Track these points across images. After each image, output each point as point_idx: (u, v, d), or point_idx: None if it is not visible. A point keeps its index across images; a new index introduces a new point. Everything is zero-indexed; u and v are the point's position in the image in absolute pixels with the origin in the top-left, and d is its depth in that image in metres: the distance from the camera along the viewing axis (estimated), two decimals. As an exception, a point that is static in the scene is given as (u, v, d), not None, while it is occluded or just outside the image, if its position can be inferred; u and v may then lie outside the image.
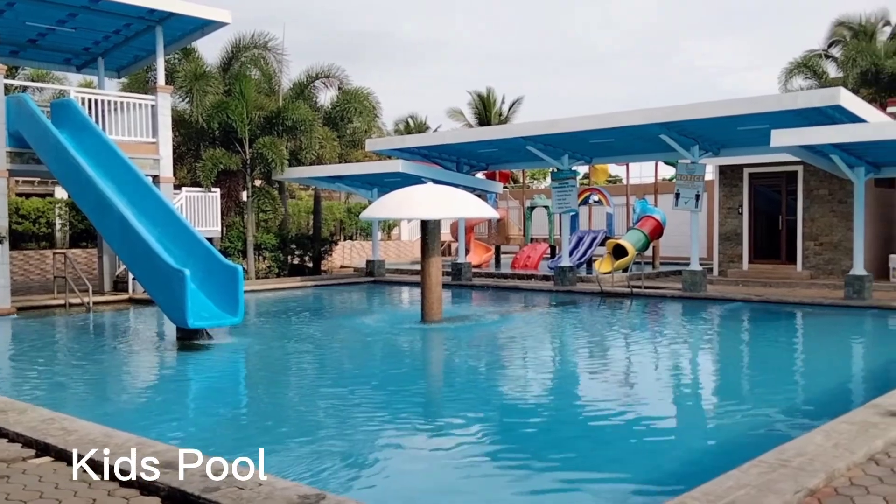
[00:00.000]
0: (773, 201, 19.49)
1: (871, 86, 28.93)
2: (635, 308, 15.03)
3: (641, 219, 21.13)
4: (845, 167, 13.97)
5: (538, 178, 46.91)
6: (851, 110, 12.71)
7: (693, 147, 15.51)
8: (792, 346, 11.47)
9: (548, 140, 17.03)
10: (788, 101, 13.82)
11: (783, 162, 17.78)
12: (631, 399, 7.95)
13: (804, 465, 4.43)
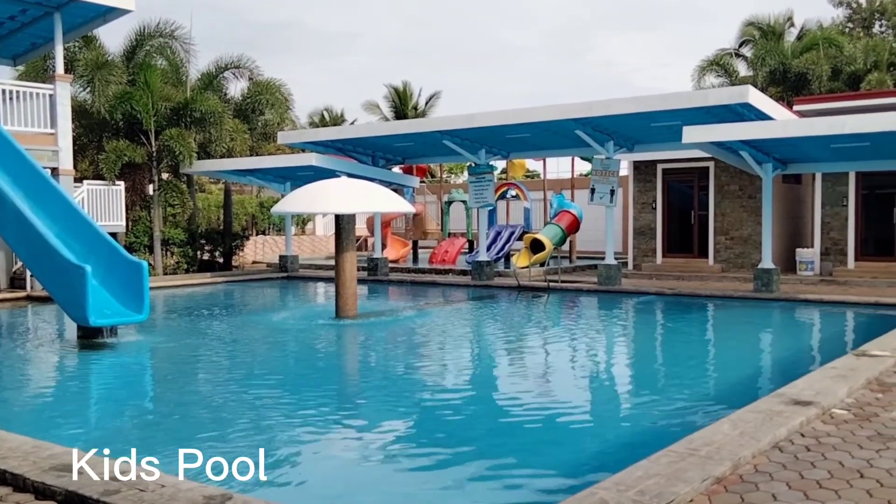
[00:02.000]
0: (685, 197, 20.21)
1: (779, 84, 30.36)
2: (552, 302, 15.31)
3: (558, 213, 21.53)
4: (754, 163, 14.59)
5: (456, 172, 47.20)
6: (760, 108, 13.27)
7: (608, 143, 15.89)
8: (703, 338, 11.92)
9: (465, 134, 17.13)
10: (699, 98, 14.32)
11: (696, 158, 18.43)
12: (546, 392, 8.08)
13: (712, 454, 4.58)
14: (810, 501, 3.96)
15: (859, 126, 12.21)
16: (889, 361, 7.31)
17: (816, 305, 13.49)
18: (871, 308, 12.78)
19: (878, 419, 5.45)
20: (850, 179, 17.56)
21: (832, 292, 14.49)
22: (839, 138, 12.87)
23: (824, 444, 4.88)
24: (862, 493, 4.06)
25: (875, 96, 19.32)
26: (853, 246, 17.59)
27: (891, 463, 4.50)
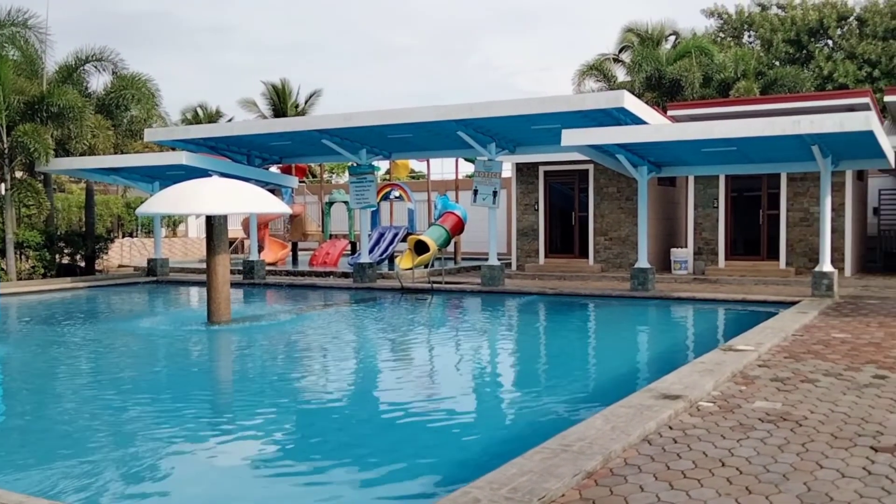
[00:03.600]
0: (567, 198, 20.84)
1: (654, 90, 31.83)
2: (435, 303, 15.41)
3: (443, 215, 21.71)
4: (630, 166, 15.21)
5: (337, 172, 46.76)
6: (635, 112, 13.84)
7: (490, 144, 16.16)
8: (582, 336, 12.32)
9: (344, 134, 16.98)
10: (577, 102, 14.80)
11: (576, 161, 19.02)
12: (427, 393, 8.11)
13: (584, 449, 4.72)
14: (675, 491, 4.14)
15: (727, 131, 12.95)
16: (752, 355, 7.80)
17: (689, 303, 14.22)
18: (739, 305, 13.59)
19: (741, 410, 5.78)
20: (720, 182, 18.62)
21: (704, 290, 15.31)
22: (709, 143, 13.62)
23: (690, 436, 5.12)
24: (723, 480, 4.28)
25: (743, 103, 20.60)
26: (723, 246, 18.66)
27: (750, 451, 4.77)
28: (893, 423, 5.36)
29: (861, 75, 33.26)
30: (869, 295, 13.68)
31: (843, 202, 17.44)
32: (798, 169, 15.46)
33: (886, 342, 8.67)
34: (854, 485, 4.18)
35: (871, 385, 6.52)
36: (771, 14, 38.78)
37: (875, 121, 12.00)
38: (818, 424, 5.35)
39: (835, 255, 16.94)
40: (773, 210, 18.30)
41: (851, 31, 35.63)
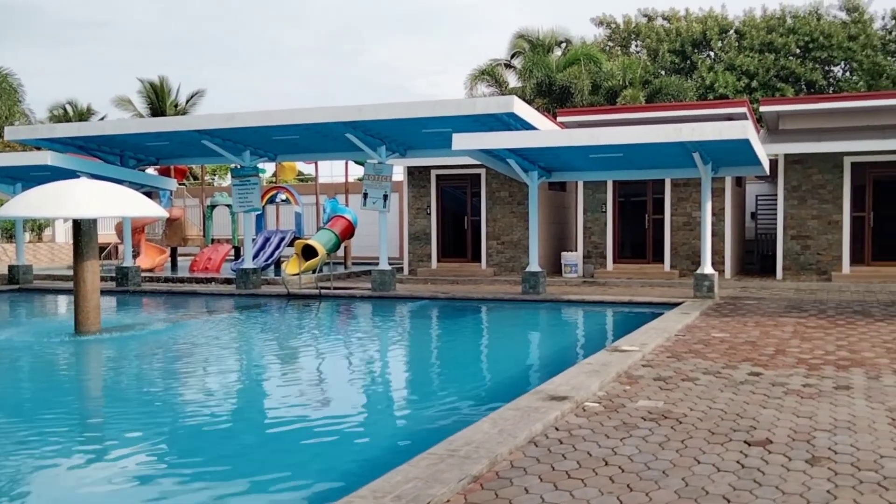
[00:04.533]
0: (459, 202, 21.06)
1: (545, 96, 32.72)
2: (324, 309, 15.21)
3: (332, 218, 21.48)
4: (521, 171, 15.51)
5: (220, 174, 45.52)
6: (525, 118, 14.14)
7: (380, 147, 16.12)
8: (474, 340, 12.45)
9: (226, 135, 16.52)
10: (468, 106, 14.97)
11: (468, 165, 19.26)
12: (312, 402, 7.97)
13: (470, 453, 4.73)
14: (559, 492, 4.21)
15: (613, 138, 13.43)
16: (637, 356, 8.08)
17: (579, 305, 14.63)
18: (626, 306, 14.09)
19: (625, 409, 5.96)
20: (608, 187, 19.28)
21: (593, 293, 15.79)
22: (596, 149, 14.08)
23: (575, 436, 5.24)
24: (605, 479, 4.39)
25: (630, 111, 21.44)
26: (612, 249, 19.33)
27: (632, 450, 4.93)
28: (766, 418, 5.66)
29: (740, 86, 35.28)
30: (747, 296, 14.47)
31: (723, 207, 18.41)
32: (681, 175, 16.19)
33: (762, 341, 9.18)
34: (728, 478, 4.37)
35: (747, 382, 6.88)
36: (657, 25, 40.60)
37: (751, 130, 12.72)
38: (697, 421, 5.58)
39: (715, 257, 17.86)
40: (659, 215, 19.10)
41: (731, 43, 37.75)
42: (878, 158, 17.47)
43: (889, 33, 37.57)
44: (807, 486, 4.23)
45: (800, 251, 18.15)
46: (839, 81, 37.35)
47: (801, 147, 17.72)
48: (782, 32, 36.54)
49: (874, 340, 9.14)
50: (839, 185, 17.82)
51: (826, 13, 37.61)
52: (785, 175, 18.25)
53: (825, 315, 11.50)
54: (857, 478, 4.36)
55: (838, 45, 35.87)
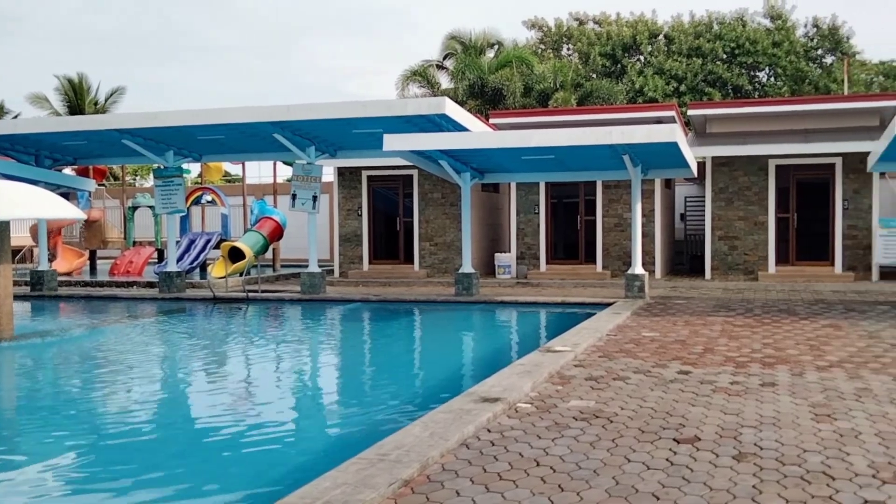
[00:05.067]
0: (391, 203, 21.00)
1: (477, 98, 32.91)
2: (251, 313, 14.95)
3: (260, 220, 21.15)
4: (453, 172, 15.55)
5: (142, 174, 44.35)
6: (456, 119, 14.18)
7: (309, 148, 15.94)
8: (407, 343, 12.42)
9: (148, 134, 16.06)
10: (399, 107, 14.93)
11: (400, 166, 19.22)
12: (239, 409, 7.79)
13: (401, 457, 4.69)
14: (490, 493, 4.21)
15: (544, 140, 13.58)
16: (569, 356, 8.17)
17: (513, 306, 14.73)
18: (559, 307, 14.26)
19: (557, 410, 6.01)
20: (541, 189, 19.50)
21: (526, 294, 15.94)
22: (528, 151, 14.22)
23: (507, 438, 5.25)
24: (537, 480, 4.41)
25: (561, 113, 21.76)
26: (545, 250, 19.56)
27: (564, 450, 4.96)
28: (695, 415, 5.79)
29: (669, 90, 36.20)
30: (677, 295, 14.82)
31: (653, 209, 18.83)
32: (612, 177, 16.49)
33: (691, 339, 9.41)
34: (658, 476, 4.44)
35: (676, 381, 7.02)
36: (588, 28, 41.34)
37: (679, 133, 13.04)
38: (627, 420, 5.67)
39: (646, 258, 18.24)
40: (590, 216, 19.43)
41: (660, 48, 38.70)
42: (801, 161, 18.14)
43: (811, 40, 39.11)
44: (733, 482, 4.33)
45: (727, 251, 18.70)
46: (764, 86, 38.69)
47: (728, 150, 18.29)
48: (709, 38, 37.66)
49: (798, 338, 9.46)
50: (764, 188, 18.43)
51: (751, 20, 38.93)
52: (712, 177, 18.78)
53: (752, 314, 11.86)
54: (782, 472, 4.48)
55: (763, 51, 37.16)
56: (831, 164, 18.04)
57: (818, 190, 18.38)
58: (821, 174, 18.27)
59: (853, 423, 5.53)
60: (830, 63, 39.04)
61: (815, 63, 39.12)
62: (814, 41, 39.15)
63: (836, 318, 11.20)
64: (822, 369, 7.50)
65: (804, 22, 39.49)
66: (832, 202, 18.14)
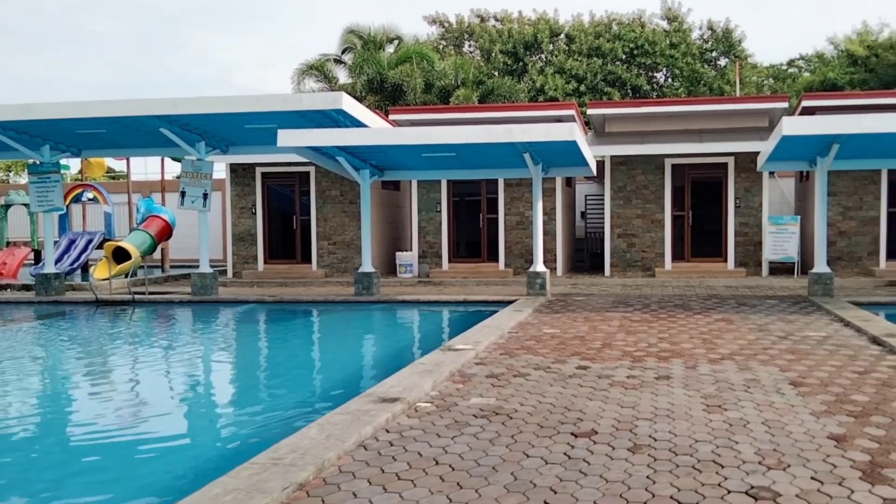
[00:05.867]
0: (287, 201, 20.69)
1: (377, 93, 32.81)
2: (138, 317, 14.45)
3: (147, 219, 20.46)
4: (351, 169, 15.46)
5: (16, 170, 42.13)
6: (355, 115, 14.11)
7: (199, 143, 15.53)
8: (305, 344, 12.27)
9: (22, 127, 15.28)
10: (294, 102, 14.74)
11: (296, 162, 18.97)
12: (129, 416, 7.52)
13: (296, 461, 4.64)
14: (388, 494, 4.21)
15: (444, 137, 13.68)
16: (470, 354, 8.26)
17: (414, 306, 14.78)
18: (461, 306, 14.40)
19: (457, 408, 6.07)
20: (442, 187, 19.64)
21: (428, 293, 16.00)
22: (429, 148, 14.29)
23: (406, 438, 5.26)
24: (436, 479, 4.44)
25: (463, 110, 21.94)
26: (447, 249, 19.72)
27: (463, 448, 5.02)
28: (592, 409, 5.95)
29: (569, 89, 37.08)
30: (577, 292, 15.21)
31: (555, 207, 19.27)
32: (513, 175, 16.77)
33: (590, 335, 9.67)
34: (555, 470, 4.55)
35: (575, 376, 7.21)
36: (490, 26, 41.85)
37: (578, 132, 13.39)
38: (527, 416, 5.78)
39: (547, 256, 18.68)
40: (493, 214, 19.70)
41: (561, 47, 39.61)
42: (696, 161, 18.94)
43: (706, 43, 40.85)
44: (628, 474, 4.48)
45: (626, 249, 19.32)
46: (662, 87, 40.15)
47: (626, 149, 18.91)
48: (609, 38, 38.79)
49: (692, 332, 9.87)
50: (661, 186, 19.14)
51: (649, 21, 40.33)
52: (611, 176, 19.37)
53: (649, 309, 12.30)
54: (674, 462, 4.67)
55: (661, 52, 38.55)
56: (724, 164, 18.92)
57: (712, 188, 19.24)
58: (714, 173, 19.13)
59: (742, 412, 5.82)
60: (724, 65, 40.87)
61: (709, 65, 40.87)
62: (709, 43, 40.89)
63: (728, 313, 11.75)
64: (714, 362, 7.86)
65: (699, 24, 41.23)
66: (725, 200, 19.02)
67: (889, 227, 18.31)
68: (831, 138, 12.97)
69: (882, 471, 4.47)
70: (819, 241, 14.39)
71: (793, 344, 8.87)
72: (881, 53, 35.95)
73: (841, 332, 9.67)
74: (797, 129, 12.43)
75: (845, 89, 35.37)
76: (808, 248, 18.60)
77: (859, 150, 13.99)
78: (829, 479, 4.36)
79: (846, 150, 13.60)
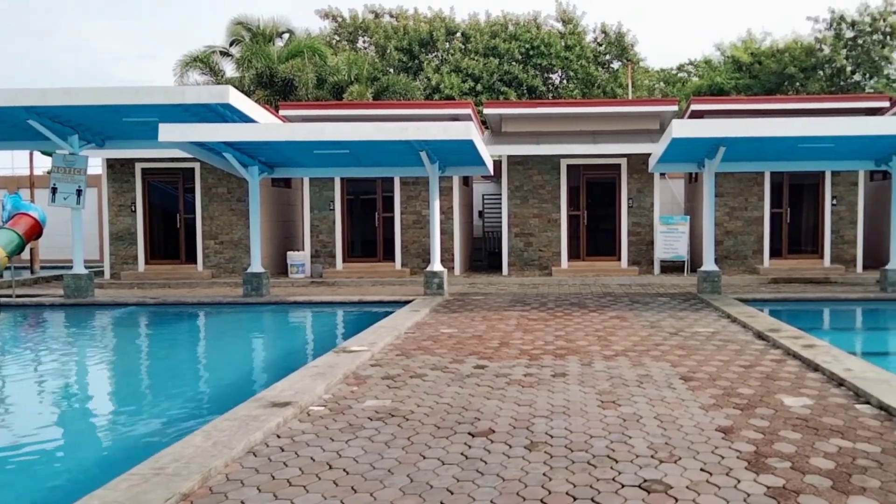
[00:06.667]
0: (171, 199, 20.03)
1: (266, 88, 32.20)
2: (4, 322, 13.66)
3: (14, 216, 19.31)
4: (239, 166, 15.10)
5: None
6: (242, 110, 13.76)
7: (72, 137, 14.82)
8: (190, 348, 11.88)
9: None
10: (177, 95, 14.23)
11: (180, 158, 18.40)
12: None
13: (179, 470, 4.49)
14: (279, 501, 4.12)
15: (338, 134, 13.53)
16: (365, 356, 8.19)
17: (307, 307, 14.56)
18: (356, 306, 14.29)
19: (351, 411, 6.01)
20: (336, 184, 19.45)
21: (322, 293, 15.80)
22: (321, 145, 14.11)
23: (298, 443, 5.17)
24: (329, 483, 4.37)
25: (357, 107, 21.80)
26: (341, 248, 19.54)
27: (358, 451, 4.96)
28: (490, 408, 6.01)
29: (465, 88, 37.41)
30: (475, 292, 15.36)
31: (452, 206, 19.40)
32: (409, 173, 16.78)
33: (487, 334, 9.77)
34: (452, 470, 4.56)
35: (473, 375, 7.26)
36: (385, 22, 41.76)
37: (475, 131, 13.51)
38: (423, 417, 5.78)
39: (445, 255, 18.79)
40: (389, 213, 19.67)
41: (457, 46, 39.93)
42: (591, 161, 19.47)
43: (599, 46, 42.04)
44: (525, 472, 4.53)
45: (523, 248, 19.66)
46: (557, 88, 41.05)
47: (522, 149, 19.23)
48: (505, 38, 39.37)
49: (588, 329, 10.12)
50: (557, 186, 19.56)
51: (544, 23, 41.18)
52: (508, 175, 19.67)
53: (546, 308, 12.54)
54: (570, 458, 4.76)
55: (556, 54, 39.41)
56: (617, 165, 19.52)
57: (606, 189, 19.81)
58: (608, 174, 19.71)
59: (635, 408, 6.00)
60: (617, 69, 42.17)
61: (603, 68, 42.08)
62: (602, 47, 42.09)
63: (622, 310, 12.12)
64: (609, 358, 8.07)
65: (593, 28, 42.38)
66: (618, 201, 19.62)
67: (772, 227, 19.32)
68: (718, 141, 13.57)
69: (766, 460, 4.69)
70: (707, 240, 15.04)
71: (683, 340, 9.22)
72: (764, 61, 37.93)
73: (728, 328, 10.13)
74: (686, 132, 12.95)
75: (731, 94, 37.18)
76: (697, 247, 19.42)
77: (744, 153, 14.71)
78: (717, 470, 4.54)
79: (732, 153, 14.26)
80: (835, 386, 6.66)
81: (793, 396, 6.30)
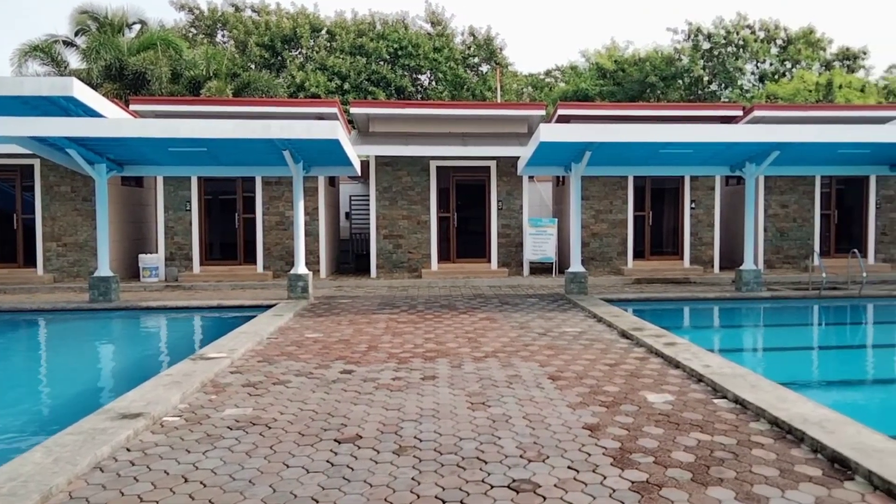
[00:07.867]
0: (7, 197, 18.82)
1: (116, 81, 30.80)
2: None
3: None
4: (85, 164, 14.35)
5: None
6: (87, 104, 13.09)
7: None
8: (27, 359, 11.16)
9: None
10: (14, 86, 13.36)
11: (17, 154, 17.41)
12: None
13: (16, 490, 4.21)
14: (128, 518, 3.91)
15: (194, 131, 13.07)
16: (225, 362, 7.94)
17: (161, 312, 13.99)
18: (215, 311, 13.85)
19: (209, 420, 5.79)
20: (192, 184, 18.81)
21: (177, 298, 15.23)
22: (176, 142, 13.60)
23: (151, 456, 4.93)
24: (185, 497, 4.19)
25: (216, 103, 21.13)
26: (198, 250, 18.90)
27: (216, 462, 4.79)
28: (357, 414, 5.94)
29: (332, 87, 37.10)
30: (342, 295, 15.20)
31: (317, 207, 19.15)
32: (272, 173, 16.44)
33: (355, 338, 9.68)
34: (318, 478, 4.47)
35: (339, 380, 7.17)
36: (245, 16, 40.84)
37: (341, 130, 13.38)
38: (287, 425, 5.64)
39: (310, 257, 18.53)
40: (250, 214, 19.20)
41: (322, 43, 39.54)
42: (461, 164, 19.71)
43: (468, 48, 42.69)
44: (393, 476, 4.50)
45: (392, 250, 19.65)
46: (426, 89, 41.36)
47: (391, 150, 19.23)
48: (373, 37, 39.32)
49: (458, 332, 10.21)
50: (426, 188, 19.68)
51: (413, 23, 41.42)
52: (376, 176, 19.62)
53: (415, 310, 12.56)
54: (439, 461, 4.77)
55: (425, 55, 39.71)
56: (487, 167, 19.85)
57: (476, 191, 20.11)
58: (478, 176, 20.01)
59: (504, 408, 6.08)
60: (486, 72, 42.95)
61: (472, 70, 42.74)
62: (471, 49, 42.76)
63: (492, 312, 12.31)
64: (479, 360, 8.17)
65: (461, 30, 43.03)
66: (488, 203, 19.96)
67: (635, 230, 20.16)
68: (584, 146, 14.02)
69: (630, 456, 4.85)
70: (574, 242, 15.51)
71: (551, 340, 9.45)
72: (627, 68, 39.64)
73: (594, 328, 10.46)
74: (553, 136, 13.30)
75: (596, 100, 38.62)
76: (564, 249, 20.01)
77: (609, 158, 15.28)
78: (584, 467, 4.66)
79: (598, 157, 14.78)
80: (694, 382, 6.99)
81: (655, 393, 6.56)
